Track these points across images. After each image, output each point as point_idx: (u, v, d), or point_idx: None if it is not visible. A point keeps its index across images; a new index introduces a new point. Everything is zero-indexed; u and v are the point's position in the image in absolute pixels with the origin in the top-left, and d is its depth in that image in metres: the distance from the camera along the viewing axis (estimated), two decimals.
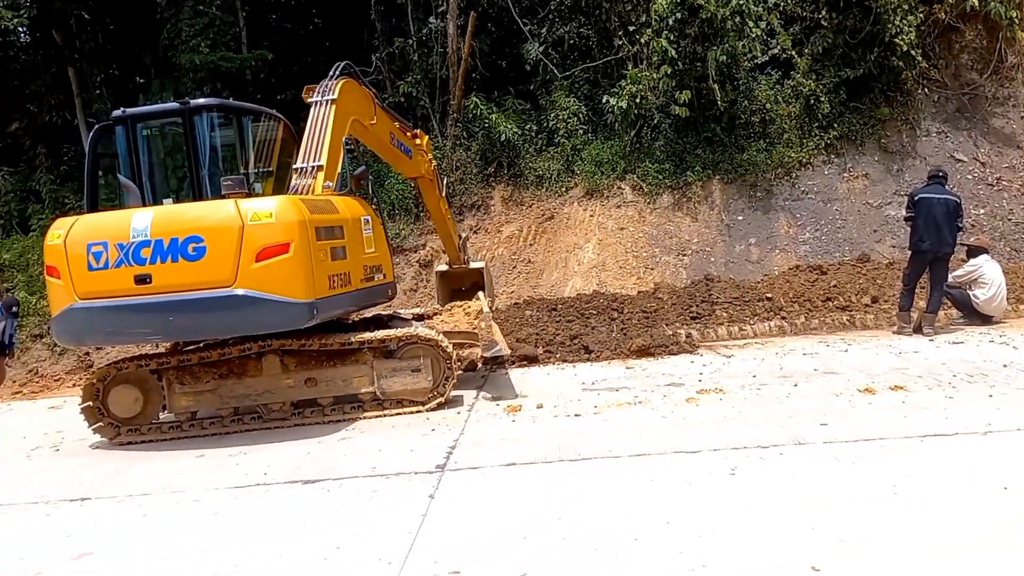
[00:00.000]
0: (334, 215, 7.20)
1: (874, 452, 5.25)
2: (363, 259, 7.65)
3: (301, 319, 6.62)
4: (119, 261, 6.63)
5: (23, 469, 6.91)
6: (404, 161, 9.50)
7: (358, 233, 7.61)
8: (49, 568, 4.56)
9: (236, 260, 6.48)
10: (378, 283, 8.00)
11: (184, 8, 15.47)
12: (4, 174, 17.74)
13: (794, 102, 14.73)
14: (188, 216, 6.75)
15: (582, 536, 4.28)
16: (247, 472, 6.06)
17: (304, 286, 6.57)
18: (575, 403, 7.25)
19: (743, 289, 12.20)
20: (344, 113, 7.82)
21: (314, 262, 6.66)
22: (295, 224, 6.55)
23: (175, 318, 6.59)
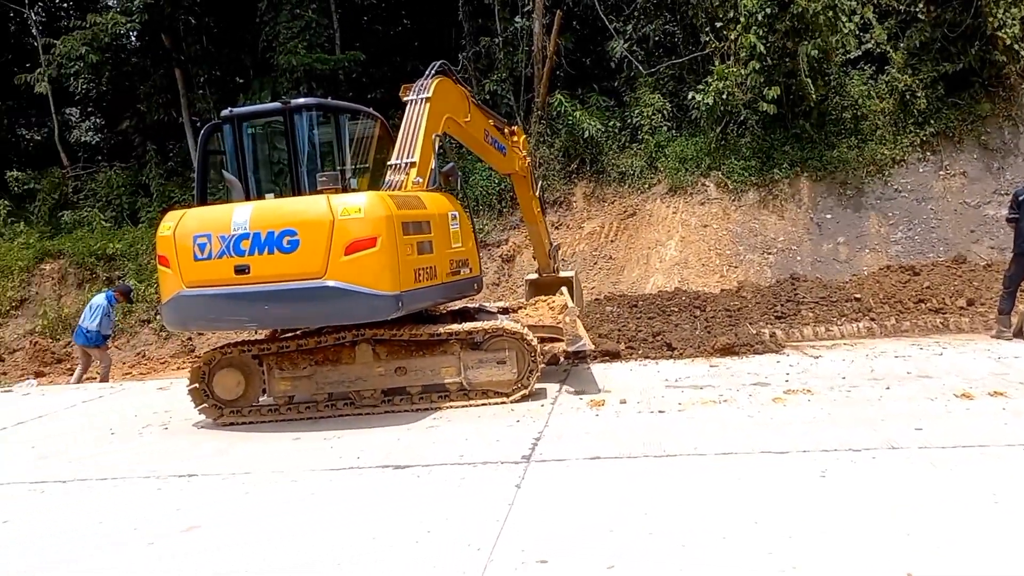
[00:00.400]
0: (421, 211, 7.42)
1: (973, 459, 5.11)
2: (449, 253, 7.84)
3: (387, 311, 6.86)
4: (221, 252, 7.03)
5: (135, 446, 7.36)
6: (498, 158, 9.66)
7: (445, 228, 7.80)
8: (160, 539, 4.85)
9: (327, 253, 6.76)
10: (464, 277, 8.16)
11: (282, 11, 16.09)
12: (116, 169, 18.83)
13: (888, 98, 14.34)
14: (284, 211, 7.08)
15: (669, 532, 4.32)
16: (341, 455, 6.33)
17: (390, 279, 6.81)
18: (659, 400, 7.27)
19: (830, 289, 11.96)
20: (438, 111, 8.04)
21: (400, 256, 6.89)
22: (382, 219, 6.79)
23: (270, 307, 6.95)
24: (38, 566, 4.60)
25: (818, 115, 14.38)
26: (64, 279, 15.93)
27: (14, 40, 23.15)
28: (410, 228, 7.12)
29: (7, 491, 6.20)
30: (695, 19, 15.24)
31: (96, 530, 5.12)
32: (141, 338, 14.35)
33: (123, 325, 14.64)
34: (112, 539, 4.92)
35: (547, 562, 4.08)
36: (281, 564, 4.34)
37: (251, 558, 4.43)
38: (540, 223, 10.71)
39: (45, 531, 5.19)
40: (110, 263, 15.78)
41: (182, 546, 4.72)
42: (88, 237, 16.52)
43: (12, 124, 22.73)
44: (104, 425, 8.27)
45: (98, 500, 5.80)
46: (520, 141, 10.10)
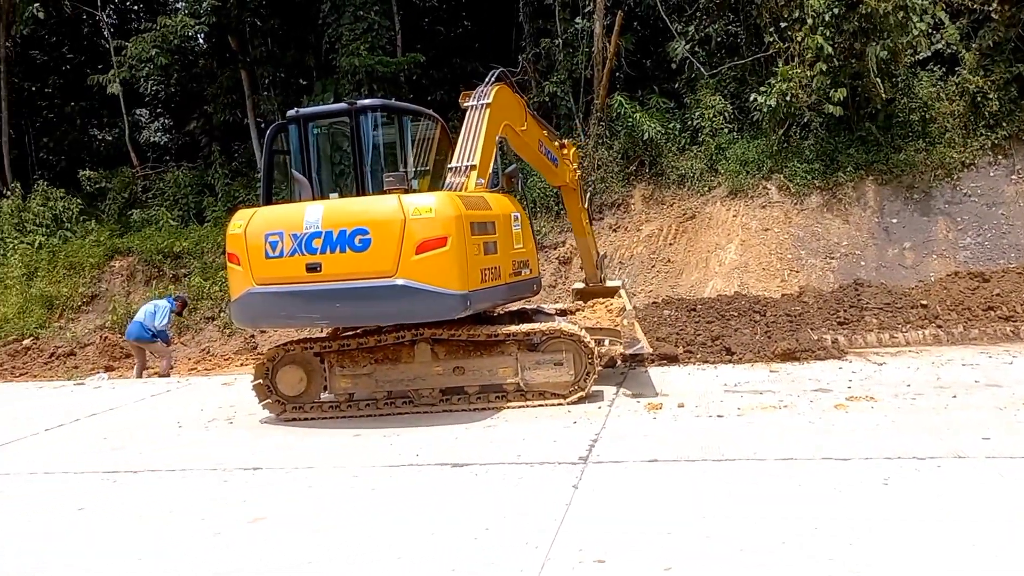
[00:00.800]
0: (487, 211, 7.51)
1: None
2: (512, 254, 7.91)
3: (455, 310, 6.96)
4: (293, 250, 7.20)
5: (202, 439, 7.61)
6: (550, 169, 9.67)
7: (508, 229, 7.88)
8: (227, 529, 5.01)
9: (398, 252, 6.88)
10: (525, 278, 8.23)
11: (345, 13, 16.37)
12: (183, 169, 19.42)
13: (958, 100, 13.89)
14: (355, 210, 7.23)
15: (727, 536, 4.30)
16: (400, 452, 6.44)
17: (459, 278, 6.89)
18: (717, 404, 7.22)
19: (895, 295, 11.65)
20: (497, 117, 8.12)
21: (468, 256, 6.98)
22: (452, 219, 6.89)
23: (341, 305, 7.09)
24: (110, 552, 4.79)
25: (885, 117, 14.04)
26: (132, 276, 16.48)
27: (87, 42, 24.07)
28: (477, 228, 7.21)
29: (82, 480, 6.47)
30: (759, 19, 15.01)
31: (165, 519, 5.31)
32: (205, 335, 14.76)
33: (188, 322, 15.09)
34: (181, 528, 5.10)
35: (604, 562, 4.11)
36: (343, 556, 4.44)
37: (314, 550, 4.55)
38: (588, 235, 10.69)
39: (117, 519, 5.40)
40: (176, 261, 16.26)
41: (247, 537, 4.87)
42: (156, 235, 17.06)
43: (85, 124, 23.63)
44: (172, 418, 8.56)
45: (167, 490, 6.02)
46: (571, 154, 10.09)
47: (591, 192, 15.28)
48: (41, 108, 24.29)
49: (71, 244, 17.71)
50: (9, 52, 21.13)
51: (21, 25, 19.14)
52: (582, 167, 15.35)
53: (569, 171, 10.02)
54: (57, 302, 16.14)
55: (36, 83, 24.27)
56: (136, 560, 4.62)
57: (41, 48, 23.63)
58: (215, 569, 4.43)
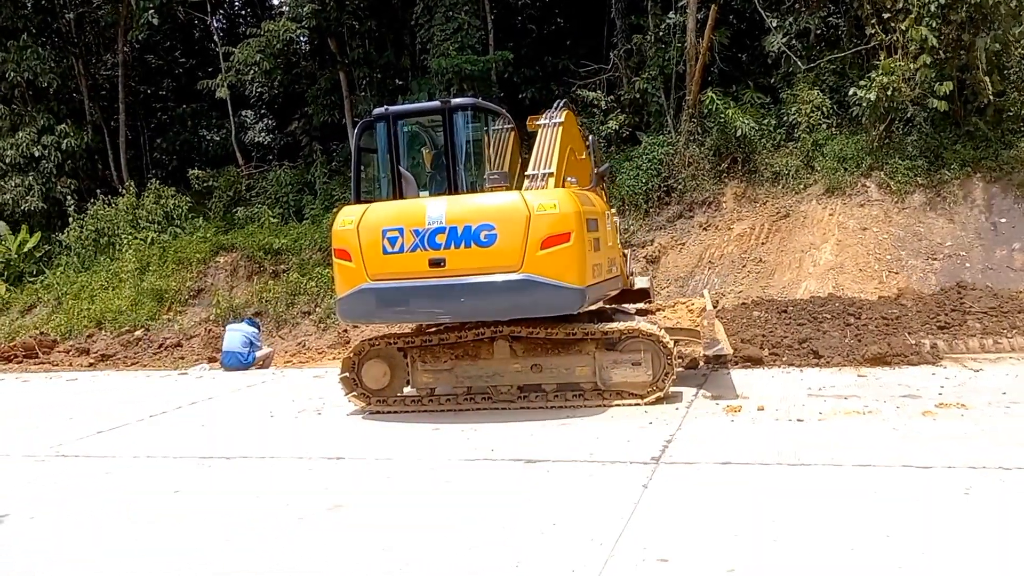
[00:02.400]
0: (594, 207, 7.69)
1: None
2: (608, 251, 8.05)
3: (575, 304, 7.10)
4: (415, 246, 7.34)
5: (291, 428, 7.99)
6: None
7: (605, 227, 8.04)
8: (309, 515, 5.27)
9: (523, 247, 7.02)
10: (613, 276, 8.31)
11: (436, 15, 16.68)
12: (285, 168, 20.21)
13: None
14: (479, 205, 7.40)
15: (795, 540, 4.26)
16: (476, 447, 6.60)
17: (579, 273, 7.06)
18: (799, 408, 7.06)
19: (1002, 299, 11.01)
20: (567, 137, 8.24)
21: (587, 251, 7.17)
22: (574, 215, 7.07)
23: (466, 299, 7.22)
24: (201, 533, 5.12)
25: (995, 112, 13.28)
26: (235, 271, 17.20)
27: (198, 47, 25.36)
28: (591, 225, 7.39)
29: (179, 463, 6.93)
30: (860, 10, 14.36)
31: (253, 503, 5.65)
32: (302, 328, 15.32)
33: (286, 315, 15.71)
34: (266, 512, 5.40)
35: (667, 561, 4.14)
36: (416, 544, 4.62)
37: (389, 538, 4.74)
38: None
39: (209, 501, 5.77)
40: (276, 257, 16.89)
41: (328, 522, 5.12)
42: (258, 232, 17.73)
43: (195, 126, 24.87)
44: (265, 408, 9.00)
45: (256, 476, 6.38)
46: None
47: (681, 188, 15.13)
48: (155, 110, 25.74)
49: (180, 240, 18.60)
50: (127, 57, 22.42)
51: (137, 31, 20.24)
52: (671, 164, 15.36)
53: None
54: (166, 295, 16.97)
55: (151, 87, 25.74)
56: (224, 541, 4.92)
57: (156, 53, 25.03)
58: (298, 551, 4.67)
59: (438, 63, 16.04)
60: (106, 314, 16.48)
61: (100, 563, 4.73)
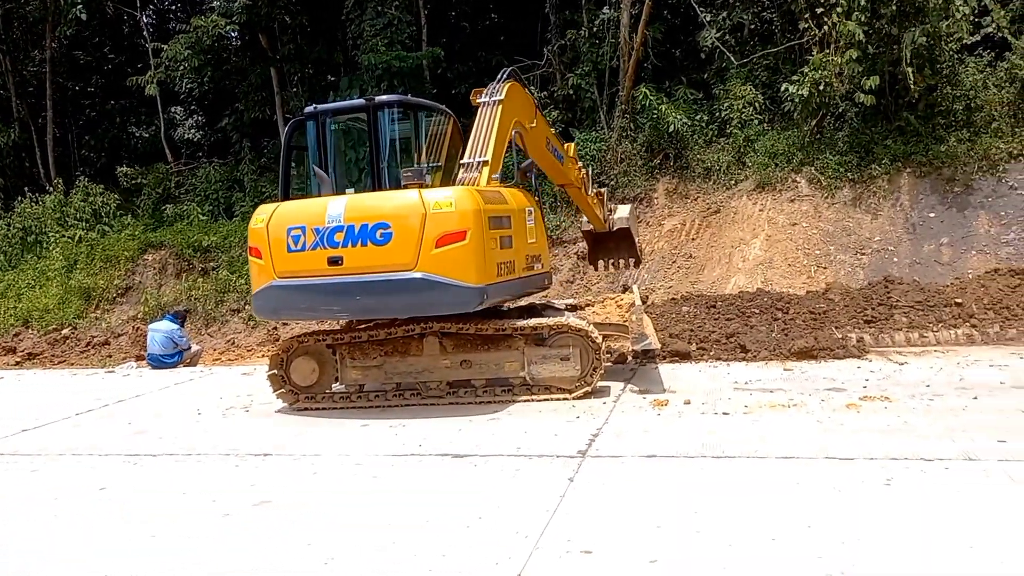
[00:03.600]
0: (504, 205, 7.55)
1: None
2: (526, 249, 7.91)
3: (472, 303, 7.00)
4: (315, 244, 7.27)
5: (219, 426, 7.80)
6: (556, 167, 9.60)
7: (523, 223, 7.90)
8: (235, 511, 5.18)
9: (418, 245, 6.93)
10: (536, 272, 8.21)
11: (367, 9, 16.46)
12: (214, 165, 19.76)
13: (1008, 87, 13.34)
14: (377, 204, 7.30)
15: (717, 531, 4.26)
16: (404, 442, 6.50)
17: (476, 272, 6.95)
18: (725, 401, 7.10)
19: (928, 292, 11.29)
20: (509, 114, 8.10)
21: (486, 250, 7.03)
22: (471, 213, 6.94)
23: (362, 297, 7.16)
24: (126, 529, 5.00)
25: (925, 106, 13.55)
26: (164, 269, 16.84)
27: (127, 42, 24.62)
28: (494, 223, 7.24)
29: (106, 461, 6.75)
30: (793, 5, 14.49)
31: (179, 500, 5.53)
32: (231, 326, 15.03)
33: (215, 313, 15.37)
34: (192, 509, 5.30)
35: (591, 552, 4.11)
36: (340, 539, 4.55)
37: (313, 533, 4.66)
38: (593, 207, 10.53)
39: (135, 499, 5.63)
40: (205, 254, 16.56)
41: (253, 519, 5.04)
42: (187, 230, 17.40)
43: (124, 122, 24.20)
44: (193, 406, 8.79)
45: (183, 473, 6.23)
46: (572, 151, 10.07)
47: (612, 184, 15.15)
48: (84, 107, 24.98)
49: (108, 238, 18.17)
50: (55, 53, 21.72)
51: (65, 27, 19.62)
52: (603, 160, 15.38)
53: (573, 169, 9.96)
54: (94, 293, 16.61)
55: (79, 83, 24.95)
56: (150, 537, 4.83)
57: (84, 49, 24.24)
58: (221, 547, 4.60)
59: (368, 59, 15.84)
60: (33, 312, 16.17)
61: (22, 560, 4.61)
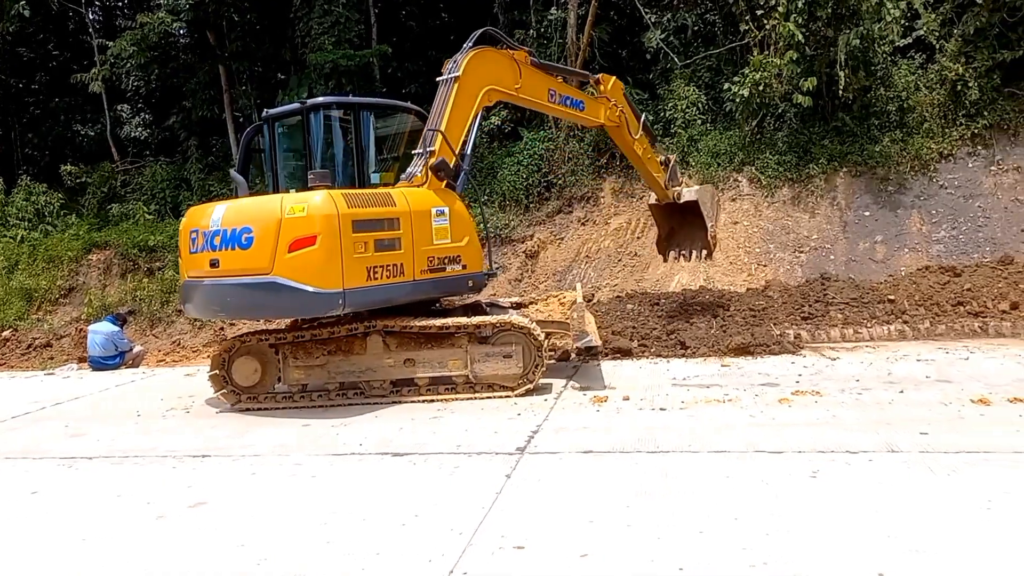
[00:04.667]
0: (382, 208, 7.43)
1: (975, 465, 4.98)
2: (429, 251, 7.74)
3: (326, 307, 7.12)
4: (203, 247, 7.56)
5: (159, 427, 7.69)
6: (575, 115, 9.52)
7: (423, 225, 7.69)
8: (170, 513, 5.15)
9: (274, 249, 7.08)
10: (454, 274, 7.99)
11: (315, 7, 16.34)
12: (161, 164, 19.43)
13: (938, 88, 13.77)
14: (245, 208, 7.51)
15: (648, 525, 4.36)
16: (345, 442, 6.51)
17: (329, 276, 7.00)
18: (663, 397, 7.26)
19: (863, 290, 11.68)
20: (472, 88, 8.10)
21: (345, 254, 7.04)
22: (323, 218, 6.98)
23: (232, 299, 7.39)
24: (57, 533, 4.94)
25: (860, 107, 13.94)
26: (109, 269, 16.51)
27: (72, 39, 24.02)
28: (363, 226, 7.22)
29: (39, 465, 6.61)
30: (735, 7, 14.82)
31: (113, 503, 5.46)
32: (177, 327, 14.79)
33: (161, 314, 15.13)
34: (126, 512, 5.25)
35: (523, 548, 4.19)
36: (275, 540, 4.55)
37: (248, 534, 4.66)
38: (647, 159, 10.30)
39: (68, 503, 5.54)
40: (151, 254, 16.28)
41: (187, 520, 5.01)
42: (132, 229, 17.07)
43: (69, 120, 23.60)
44: (132, 408, 8.66)
45: (119, 476, 6.14)
46: (609, 88, 9.76)
47: (560, 185, 15.28)
48: (27, 104, 24.30)
49: (51, 238, 17.75)
50: None
51: (8, 23, 19.08)
52: (551, 159, 15.49)
53: (604, 108, 9.69)
54: (36, 294, 16.22)
55: (23, 80, 24.26)
56: (80, 540, 4.77)
57: (28, 45, 23.60)
58: (153, 549, 4.57)
59: (315, 57, 15.72)
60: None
61: None
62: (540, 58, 15.47)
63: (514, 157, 15.66)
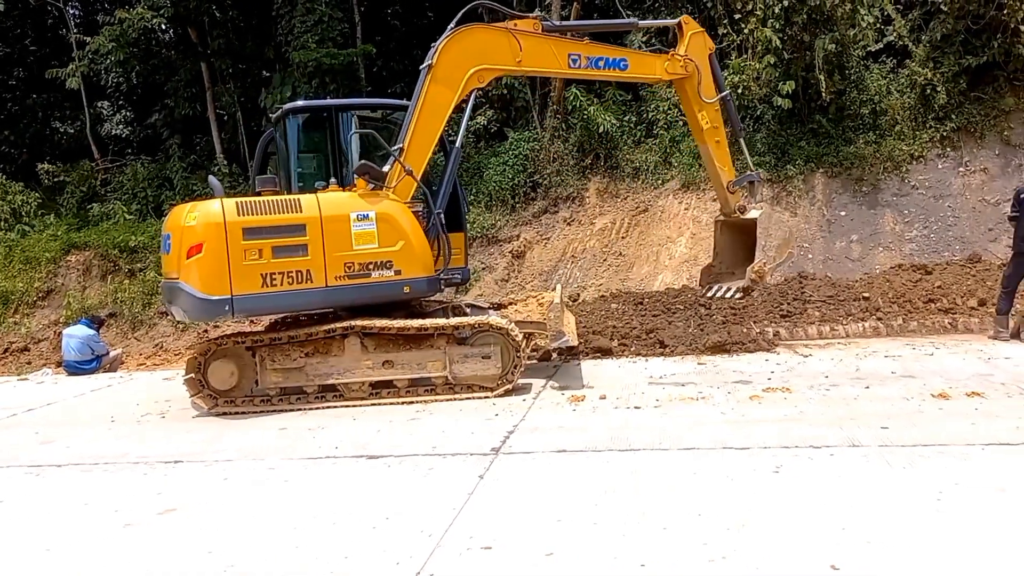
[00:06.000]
0: (281, 216, 7.44)
1: (930, 458, 5.12)
2: (345, 256, 7.61)
3: (213, 313, 7.48)
4: (164, 249, 8.01)
5: (133, 433, 7.63)
6: (620, 75, 8.87)
7: (338, 231, 7.58)
8: (137, 520, 5.10)
9: (179, 256, 7.44)
10: (382, 280, 7.72)
11: (297, 5, 16.33)
12: (143, 163, 19.31)
13: (908, 92, 14.03)
14: (172, 215, 8.04)
15: (614, 523, 4.44)
16: (320, 445, 6.52)
17: (215, 283, 7.25)
18: (638, 396, 7.34)
19: (839, 288, 11.85)
20: (450, 76, 7.91)
21: (233, 261, 7.26)
22: (207, 227, 7.26)
23: (169, 300, 7.96)
24: (20, 543, 4.87)
25: (836, 110, 14.16)
26: (89, 271, 16.36)
27: (51, 34, 23.84)
28: (256, 233, 7.33)
29: (5, 474, 6.51)
30: (713, 11, 15.05)
31: (80, 512, 5.38)
32: (159, 330, 14.74)
33: (143, 316, 15.07)
34: (92, 520, 5.19)
35: (491, 548, 4.24)
36: (243, 546, 4.55)
37: (216, 540, 4.65)
38: (715, 143, 9.30)
39: (35, 512, 5.47)
40: (132, 255, 16.16)
41: (155, 527, 4.97)
42: (113, 229, 16.93)
43: (46, 117, 23.38)
44: (107, 413, 8.58)
45: (88, 484, 6.06)
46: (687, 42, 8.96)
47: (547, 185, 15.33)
48: (3, 101, 24.04)
49: (29, 238, 17.54)
50: None
51: None
52: (537, 159, 15.53)
53: (662, 62, 8.91)
54: (13, 297, 15.99)
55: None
56: (44, 551, 4.70)
57: (4, 40, 23.39)
58: (118, 558, 4.53)
59: (298, 56, 15.72)
60: None
61: None
62: None
63: (500, 157, 15.74)
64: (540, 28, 8.37)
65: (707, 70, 9.20)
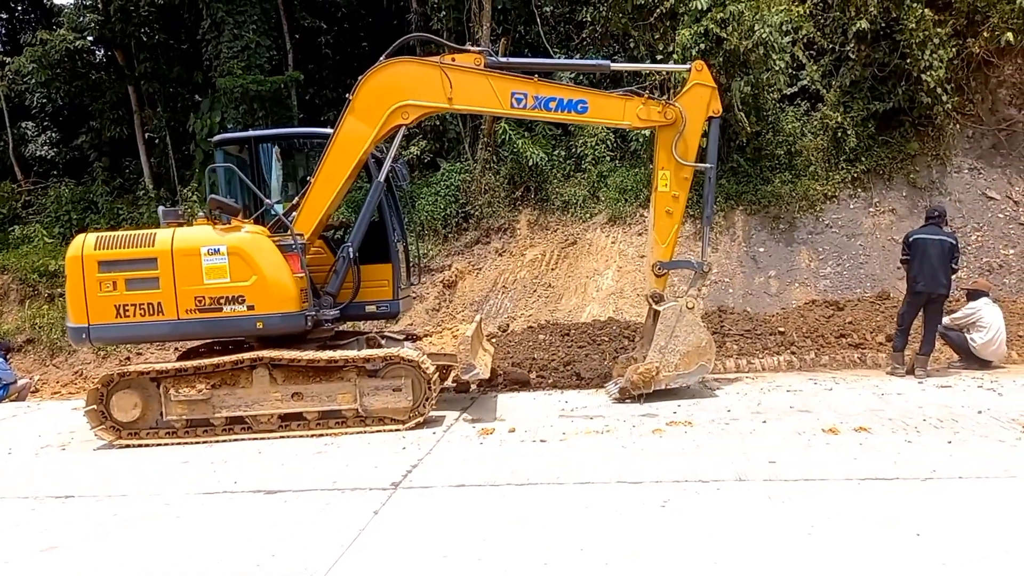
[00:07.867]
0: (134, 249, 7.61)
1: (809, 492, 5.30)
2: (197, 290, 7.56)
3: (76, 340, 7.89)
4: None
5: (28, 466, 7.43)
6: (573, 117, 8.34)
7: (190, 265, 7.56)
8: (16, 559, 4.97)
9: None
10: (232, 315, 7.59)
11: (224, 31, 16.26)
12: (67, 185, 18.88)
13: (821, 134, 14.65)
14: None
15: (498, 559, 4.48)
16: (220, 480, 6.43)
17: (76, 312, 7.70)
18: (546, 429, 7.41)
19: (756, 322, 12.17)
20: (371, 112, 7.90)
21: (88, 292, 7.61)
22: (69, 259, 7.72)
23: None
24: None
25: (753, 150, 14.68)
26: (7, 295, 15.91)
27: None
28: (110, 267, 7.60)
29: None
30: (636, 51, 15.55)
31: None
32: (79, 356, 14.36)
33: (62, 343, 14.66)
34: None
35: None
36: None
37: None
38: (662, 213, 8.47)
39: None
40: (52, 279, 15.76)
41: (34, 565, 4.84)
42: (32, 252, 16.53)
43: None
44: (4, 446, 8.33)
45: None
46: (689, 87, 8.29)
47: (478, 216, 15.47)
48: None
49: None
50: None
51: None
52: (468, 190, 15.68)
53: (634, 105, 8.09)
54: None
55: None
56: None
57: None
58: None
59: (223, 82, 15.63)
60: None
61: None
62: None
63: (432, 188, 15.86)
64: (483, 63, 8.04)
65: (695, 128, 8.38)
